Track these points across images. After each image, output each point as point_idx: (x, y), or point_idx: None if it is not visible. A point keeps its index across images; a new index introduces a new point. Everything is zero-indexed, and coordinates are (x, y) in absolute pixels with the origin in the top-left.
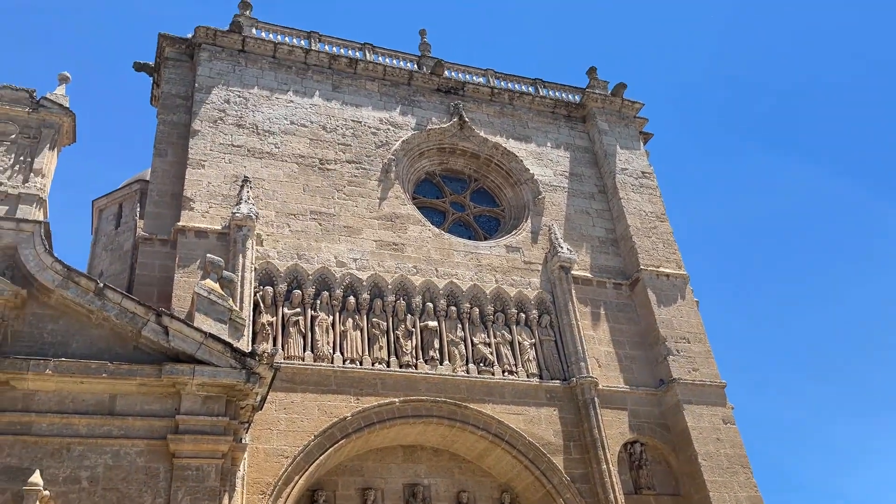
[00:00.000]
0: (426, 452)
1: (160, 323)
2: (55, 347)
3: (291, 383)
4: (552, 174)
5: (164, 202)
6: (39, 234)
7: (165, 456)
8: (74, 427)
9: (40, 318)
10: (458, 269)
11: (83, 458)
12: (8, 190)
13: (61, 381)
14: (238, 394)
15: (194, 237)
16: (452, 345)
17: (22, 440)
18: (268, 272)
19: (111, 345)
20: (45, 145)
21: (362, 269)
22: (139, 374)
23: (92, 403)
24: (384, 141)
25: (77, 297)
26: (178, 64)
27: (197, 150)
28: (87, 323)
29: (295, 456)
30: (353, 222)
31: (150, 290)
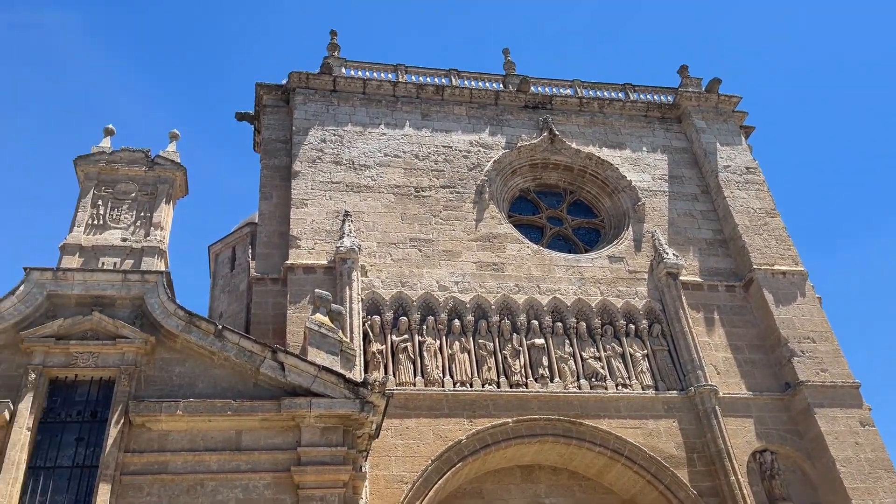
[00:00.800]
0: (544, 471)
1: (276, 359)
2: (183, 389)
3: (405, 409)
4: (650, 179)
5: (272, 242)
6: (162, 283)
7: (291, 487)
8: (206, 463)
9: (168, 362)
10: (561, 284)
11: (216, 493)
12: (132, 244)
13: (191, 420)
14: (354, 423)
15: (303, 273)
16: (561, 361)
17: (160, 479)
18: (374, 301)
19: (233, 383)
20: (162, 200)
21: (464, 291)
22: (260, 410)
23: (220, 440)
24: (476, 163)
25: (199, 340)
26: (276, 110)
27: (299, 191)
28: (210, 364)
29: (414, 481)
30: (452, 246)
31: (265, 328)
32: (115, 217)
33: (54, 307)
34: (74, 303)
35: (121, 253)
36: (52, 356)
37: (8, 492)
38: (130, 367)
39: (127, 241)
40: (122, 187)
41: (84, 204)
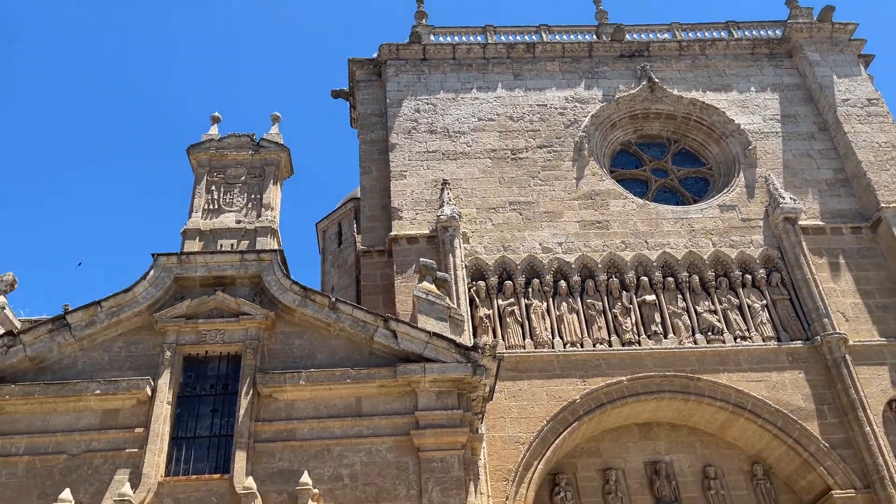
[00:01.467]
0: (663, 428)
1: (388, 328)
2: (304, 360)
3: (516, 371)
4: (760, 120)
5: (375, 216)
6: (276, 261)
7: (411, 450)
8: (331, 430)
9: (288, 335)
10: (670, 237)
11: (342, 457)
12: (246, 226)
13: (314, 389)
14: (467, 386)
15: (406, 244)
16: (675, 317)
17: (290, 445)
18: (478, 267)
19: (349, 352)
20: (270, 181)
21: (569, 251)
22: (377, 377)
23: (342, 407)
24: (572, 119)
25: (315, 313)
26: (369, 84)
27: (397, 163)
28: (327, 335)
29: (531, 442)
30: (553, 206)
31: (375, 299)
32: (229, 201)
33: (181, 289)
34: (199, 284)
35: (236, 234)
36: (183, 335)
37: (155, 461)
38: (254, 342)
39: (241, 222)
40: (231, 172)
41: (199, 190)
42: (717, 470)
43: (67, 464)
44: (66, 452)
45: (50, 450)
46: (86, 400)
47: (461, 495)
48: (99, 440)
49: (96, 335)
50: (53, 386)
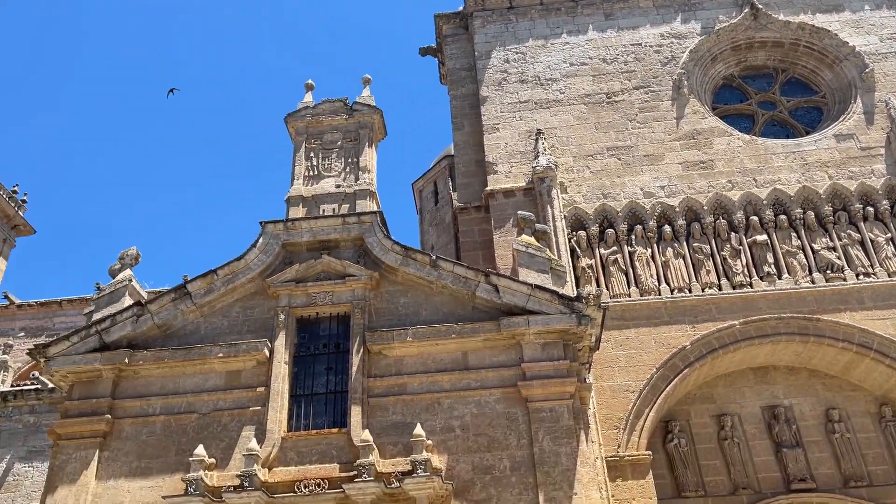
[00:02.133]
0: (780, 372)
1: (489, 282)
2: (409, 317)
3: (622, 320)
4: (877, 41)
5: (470, 171)
6: (377, 222)
7: (520, 401)
8: (439, 383)
9: (393, 294)
10: (780, 173)
11: (452, 409)
12: (345, 190)
13: (420, 345)
14: (573, 337)
15: (503, 198)
16: (789, 256)
17: (401, 399)
18: (577, 217)
19: (453, 308)
20: (365, 144)
21: (672, 195)
22: (481, 331)
23: (449, 361)
24: (669, 56)
25: (417, 272)
26: (456, 38)
27: (489, 116)
28: (430, 292)
29: (640, 390)
30: (653, 149)
31: (474, 255)
32: (327, 166)
33: (289, 254)
34: (305, 248)
35: (337, 199)
36: (295, 298)
37: (278, 417)
38: (361, 302)
39: (340, 187)
40: (328, 137)
41: (299, 158)
42: (842, 413)
43: (199, 422)
44: (197, 412)
45: (182, 410)
46: (210, 363)
47: (572, 443)
48: (225, 399)
49: (215, 302)
50: (180, 351)
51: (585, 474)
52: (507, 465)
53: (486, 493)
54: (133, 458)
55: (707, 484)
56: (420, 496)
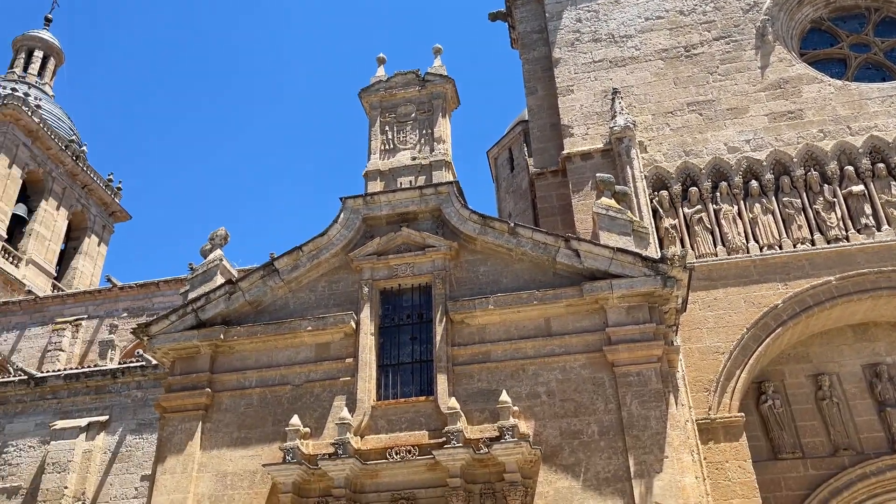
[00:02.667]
0: (881, 329)
1: (570, 247)
2: (490, 286)
3: (709, 280)
4: None
5: (545, 136)
6: (454, 192)
7: (605, 366)
8: (523, 350)
9: (472, 264)
10: (877, 119)
11: (537, 375)
12: (421, 162)
13: (502, 313)
14: (658, 299)
15: (580, 161)
16: (889, 206)
17: (486, 367)
18: (658, 176)
19: (534, 275)
20: (438, 114)
21: (758, 148)
22: (564, 297)
23: (531, 328)
24: (751, 3)
25: (496, 240)
26: (527, 1)
27: (563, 78)
28: (509, 260)
29: (731, 351)
30: (737, 102)
31: (553, 220)
32: (402, 139)
33: (369, 228)
34: (384, 222)
35: (413, 171)
36: (377, 270)
37: (367, 387)
38: (442, 272)
39: (416, 159)
40: (402, 110)
41: (374, 132)
42: None
43: (292, 393)
44: (290, 383)
45: (276, 382)
46: (300, 336)
47: (661, 407)
48: (316, 371)
49: (301, 277)
50: (272, 325)
51: (676, 437)
52: (596, 430)
53: (574, 458)
54: (233, 428)
55: (805, 445)
56: (509, 461)
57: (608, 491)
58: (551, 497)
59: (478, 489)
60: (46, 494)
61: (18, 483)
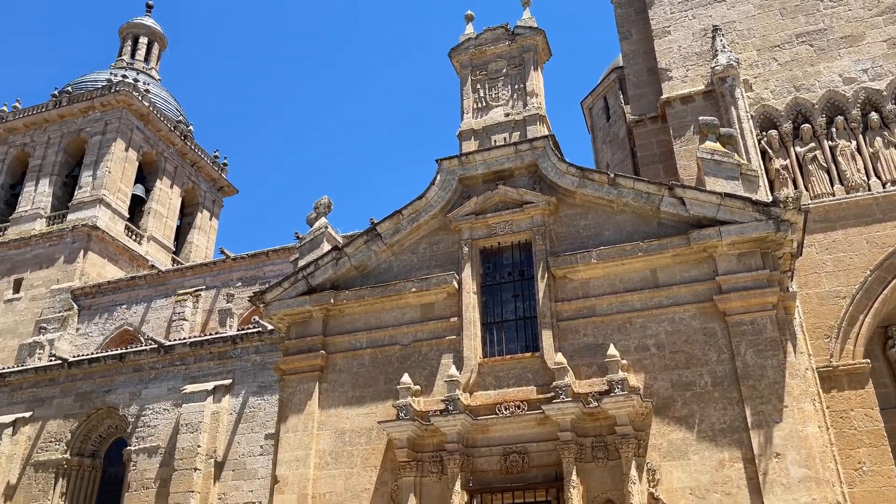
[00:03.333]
0: None
1: (674, 195)
2: (591, 239)
3: (827, 222)
4: None
5: (642, 81)
6: (549, 146)
7: (716, 315)
8: (629, 303)
9: (572, 218)
10: None
11: (644, 328)
12: (514, 117)
13: (606, 266)
14: (771, 245)
15: (680, 105)
16: None
17: (591, 321)
18: (766, 115)
19: (636, 226)
20: (530, 68)
21: (877, 77)
22: (669, 247)
23: (637, 280)
24: None
25: (595, 192)
26: None
27: (658, 19)
28: (610, 212)
29: (852, 295)
30: (851, 29)
31: (654, 169)
32: (494, 96)
33: (466, 188)
34: (481, 181)
35: (507, 128)
36: (476, 230)
37: (472, 345)
38: (541, 228)
39: (509, 115)
40: (492, 66)
41: (466, 91)
42: None
43: (401, 353)
44: (399, 343)
45: (385, 342)
46: (405, 297)
47: (778, 356)
48: (422, 331)
49: (403, 240)
50: (377, 288)
51: (795, 386)
52: (709, 381)
53: (687, 410)
54: (348, 387)
55: None
56: (620, 414)
57: (724, 442)
58: (665, 449)
59: (589, 442)
60: (182, 453)
61: (157, 443)
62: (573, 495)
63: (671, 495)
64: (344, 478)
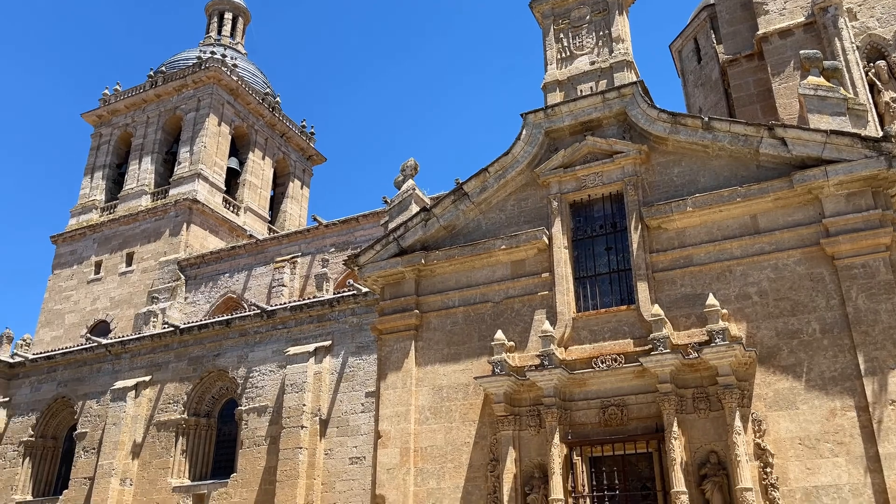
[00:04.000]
0: None
1: (774, 136)
2: (686, 187)
3: None
4: None
5: (735, 18)
6: (638, 93)
7: (824, 260)
8: (728, 251)
9: (665, 166)
10: None
11: (745, 276)
12: (600, 65)
13: (702, 214)
14: (883, 183)
15: (779, 40)
16: None
17: (688, 272)
18: (873, 45)
19: (734, 171)
20: (615, 12)
21: None
22: (770, 190)
23: (736, 227)
24: None
25: (688, 137)
26: None
27: None
28: (705, 157)
29: None
30: None
31: (751, 109)
32: (578, 44)
33: (552, 141)
34: (568, 133)
35: (592, 76)
36: (564, 184)
37: (566, 300)
38: (632, 178)
39: (595, 63)
40: (575, 14)
41: (549, 42)
42: None
43: (493, 310)
44: (491, 301)
45: (477, 300)
46: (495, 255)
47: (892, 299)
48: (514, 287)
49: (490, 198)
50: (467, 247)
51: None
52: (817, 328)
53: (794, 358)
54: (443, 345)
55: None
56: (721, 365)
57: (835, 390)
58: (771, 398)
59: (689, 393)
60: (289, 411)
61: (265, 403)
62: (675, 446)
63: (778, 445)
64: (444, 432)
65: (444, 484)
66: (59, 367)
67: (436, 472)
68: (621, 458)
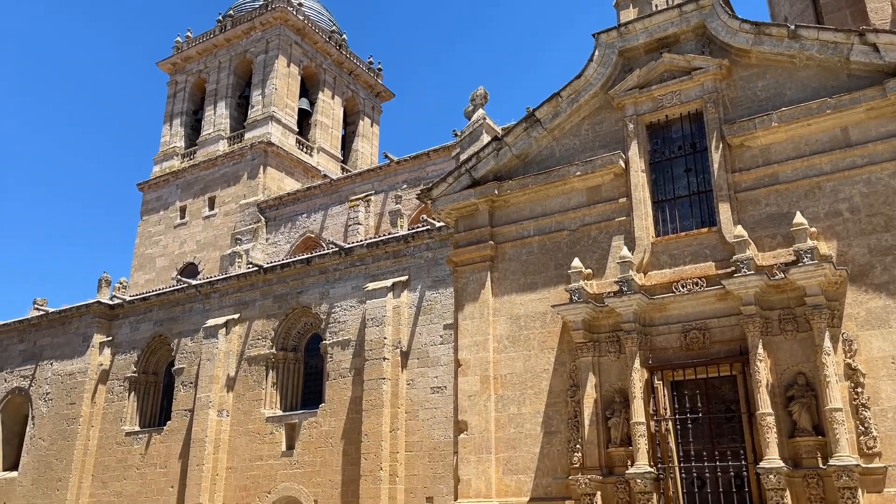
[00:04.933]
0: None
1: (866, 42)
2: (770, 101)
3: None
4: None
5: None
6: (718, 3)
7: None
8: (817, 166)
9: (747, 80)
10: None
11: (835, 192)
12: None
13: (788, 129)
14: None
15: None
16: None
17: (774, 190)
18: None
19: (822, 81)
20: None
21: None
22: (862, 100)
23: (825, 141)
24: None
25: (773, 48)
26: None
27: None
28: (792, 69)
29: None
30: None
31: (840, 16)
32: None
33: (627, 61)
34: (643, 51)
35: None
36: (640, 104)
37: (644, 225)
38: (713, 95)
39: None
40: None
41: None
42: None
43: (569, 238)
44: (566, 229)
45: (553, 229)
46: (570, 182)
47: None
48: (590, 214)
49: (563, 123)
50: (541, 175)
51: None
52: None
53: (888, 276)
54: (518, 275)
55: None
56: (810, 284)
57: None
58: (863, 318)
59: (775, 315)
60: (371, 344)
61: (348, 337)
62: (760, 368)
63: (870, 365)
64: (522, 360)
65: (525, 409)
66: (155, 307)
67: (516, 399)
68: (704, 382)
